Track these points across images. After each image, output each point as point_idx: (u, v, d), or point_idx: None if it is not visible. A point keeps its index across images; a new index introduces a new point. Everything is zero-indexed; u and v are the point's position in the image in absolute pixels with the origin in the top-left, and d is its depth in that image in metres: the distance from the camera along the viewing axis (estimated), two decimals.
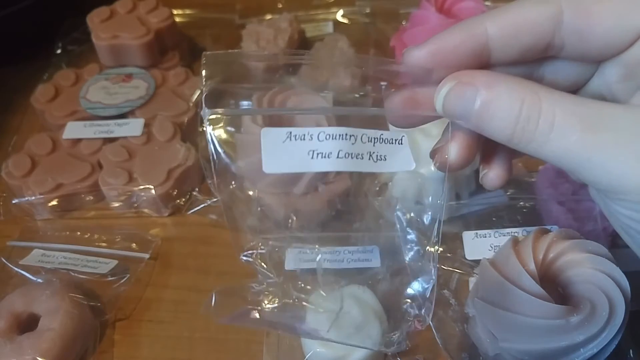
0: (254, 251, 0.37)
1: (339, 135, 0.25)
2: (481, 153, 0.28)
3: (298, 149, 0.25)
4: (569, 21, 0.24)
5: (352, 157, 0.26)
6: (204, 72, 0.26)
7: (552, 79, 0.26)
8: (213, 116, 0.26)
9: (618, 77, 0.25)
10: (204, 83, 0.26)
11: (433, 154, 0.27)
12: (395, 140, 0.27)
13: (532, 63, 0.26)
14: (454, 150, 0.26)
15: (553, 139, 0.22)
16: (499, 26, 0.24)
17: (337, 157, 0.25)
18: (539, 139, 0.23)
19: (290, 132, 0.25)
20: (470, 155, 0.26)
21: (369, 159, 0.26)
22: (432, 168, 0.27)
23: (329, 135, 0.25)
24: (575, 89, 0.27)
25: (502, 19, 0.24)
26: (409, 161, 0.27)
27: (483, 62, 0.25)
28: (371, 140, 0.26)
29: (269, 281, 0.37)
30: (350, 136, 0.26)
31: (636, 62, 0.24)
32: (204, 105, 0.25)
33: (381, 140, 0.26)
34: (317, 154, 0.25)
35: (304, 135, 0.25)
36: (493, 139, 0.24)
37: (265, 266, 0.37)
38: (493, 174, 0.27)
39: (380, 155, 0.26)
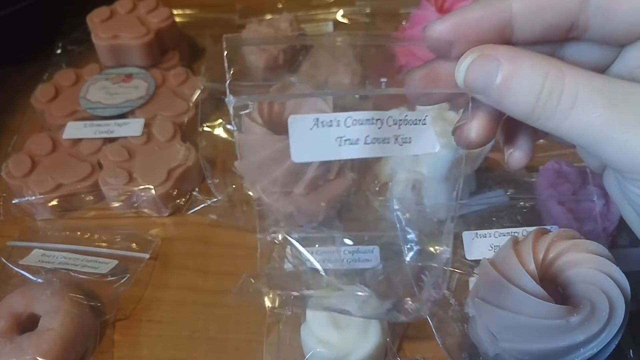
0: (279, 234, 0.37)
1: (366, 120, 0.25)
2: (504, 134, 0.28)
3: (326, 136, 0.25)
4: (592, 3, 0.24)
5: (379, 142, 0.26)
6: (226, 55, 0.25)
7: (574, 61, 0.26)
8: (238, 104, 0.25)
9: None
10: (226, 67, 0.25)
11: (454, 131, 0.27)
12: (419, 120, 0.27)
13: (554, 44, 0.26)
14: (475, 128, 0.26)
15: (574, 114, 0.22)
16: (524, 2, 0.24)
17: (365, 143, 0.25)
18: (560, 115, 0.23)
19: (317, 119, 0.25)
20: (491, 133, 0.26)
21: (395, 142, 0.26)
22: (453, 143, 0.27)
23: (356, 121, 0.25)
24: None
25: None
26: (433, 142, 0.27)
27: (505, 39, 0.25)
28: (396, 123, 0.26)
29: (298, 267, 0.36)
30: (377, 120, 0.25)
31: None
32: (228, 92, 0.25)
33: (405, 121, 0.26)
34: (345, 140, 0.25)
35: (331, 121, 0.25)
36: (512, 115, 0.24)
37: (290, 254, 0.37)
38: (518, 154, 0.27)
39: (406, 138, 0.26)
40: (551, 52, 0.26)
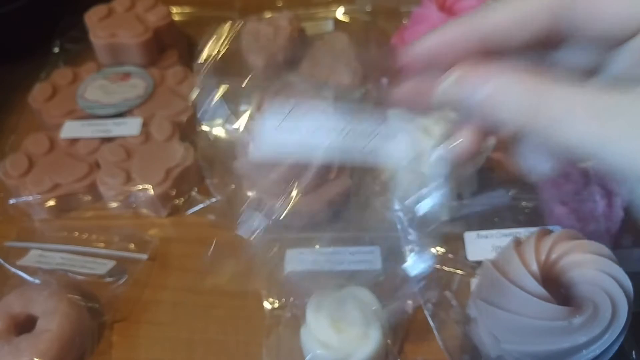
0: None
1: (333, 127, 0.26)
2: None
3: (291, 136, 0.26)
4: (580, 6, 0.23)
5: (346, 148, 0.26)
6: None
7: (565, 66, 0.26)
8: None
9: (630, 62, 0.25)
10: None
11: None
12: (390, 135, 0.27)
13: (542, 50, 0.25)
14: (466, 139, 0.25)
15: (564, 127, 0.22)
16: (506, 15, 0.24)
17: (331, 146, 0.26)
18: (549, 129, 0.22)
19: (284, 119, 0.26)
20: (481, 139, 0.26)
21: (363, 149, 0.27)
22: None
23: (323, 125, 0.26)
24: (586, 76, 0.26)
25: (509, 7, 0.24)
26: (404, 154, 0.28)
27: (489, 52, 0.24)
28: (366, 133, 0.27)
29: None
30: (345, 126, 0.26)
31: None
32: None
33: (376, 133, 0.27)
34: (309, 143, 0.26)
35: (298, 123, 0.26)
36: (501, 130, 0.24)
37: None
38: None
39: (375, 148, 0.27)
40: (540, 59, 0.25)
